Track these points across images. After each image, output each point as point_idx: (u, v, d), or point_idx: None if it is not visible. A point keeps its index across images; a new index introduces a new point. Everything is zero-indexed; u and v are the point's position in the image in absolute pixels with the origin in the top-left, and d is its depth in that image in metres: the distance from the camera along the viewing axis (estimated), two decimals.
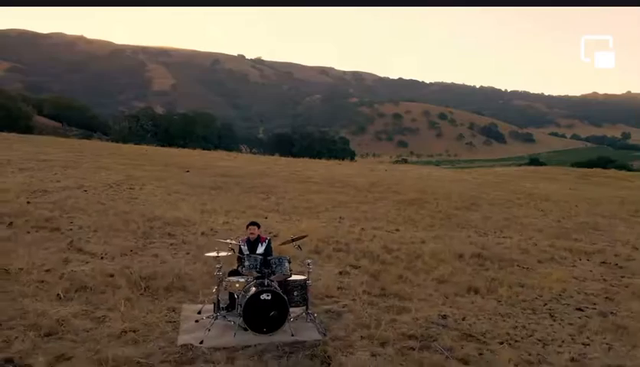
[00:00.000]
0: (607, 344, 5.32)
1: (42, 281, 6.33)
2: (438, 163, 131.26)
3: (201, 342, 4.78)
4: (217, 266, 5.42)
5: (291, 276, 5.51)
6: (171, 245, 9.07)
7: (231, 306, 5.57)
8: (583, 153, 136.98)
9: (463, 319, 5.85)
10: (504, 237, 12.17)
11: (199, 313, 5.51)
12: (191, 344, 4.73)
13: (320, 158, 44.81)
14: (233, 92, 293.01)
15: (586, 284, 7.86)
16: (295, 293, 5.46)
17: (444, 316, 5.90)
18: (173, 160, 25.49)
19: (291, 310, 5.30)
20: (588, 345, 5.28)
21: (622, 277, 8.49)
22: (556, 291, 7.25)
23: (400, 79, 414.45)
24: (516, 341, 5.26)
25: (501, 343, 5.12)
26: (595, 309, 6.54)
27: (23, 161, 19.67)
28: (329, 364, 4.43)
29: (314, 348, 4.82)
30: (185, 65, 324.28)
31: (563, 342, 5.33)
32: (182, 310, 5.62)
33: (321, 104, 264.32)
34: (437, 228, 12.89)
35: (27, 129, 45.28)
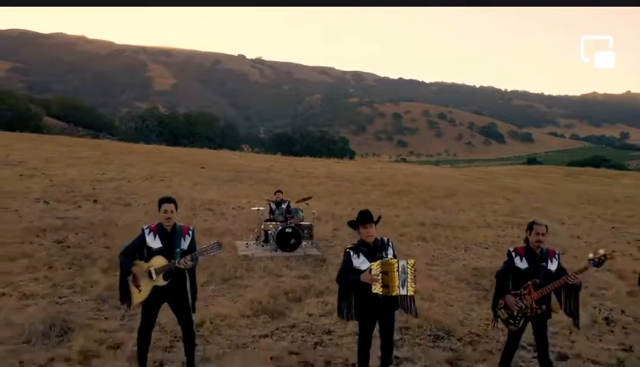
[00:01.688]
0: (490, 261, 8.89)
1: None
2: (437, 162, 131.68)
3: (252, 254, 8.37)
4: (260, 213, 9.02)
5: (303, 220, 9.12)
6: (213, 215, 12.63)
7: (266, 241, 9.14)
8: (581, 152, 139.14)
9: (408, 249, 9.43)
10: (463, 215, 15.70)
11: (246, 243, 9.07)
12: (247, 254, 8.34)
13: (320, 157, 47.99)
14: (233, 92, 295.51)
15: (503, 239, 11.41)
16: (305, 231, 9.04)
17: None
18: (185, 158, 28.54)
19: (302, 242, 8.86)
20: (478, 262, 8.85)
21: None
22: (478, 241, 10.82)
23: (400, 79, 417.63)
24: (436, 259, 8.84)
25: (425, 260, 8.69)
26: (495, 247, 10.12)
27: (64, 159, 23.09)
28: (324, 261, 8.05)
29: (316, 256, 8.43)
30: (186, 65, 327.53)
31: (457, 259, 8.91)
32: (236, 244, 9.20)
33: (321, 104, 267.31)
34: (412, 209, 16.40)
35: (37, 129, 46.39)
